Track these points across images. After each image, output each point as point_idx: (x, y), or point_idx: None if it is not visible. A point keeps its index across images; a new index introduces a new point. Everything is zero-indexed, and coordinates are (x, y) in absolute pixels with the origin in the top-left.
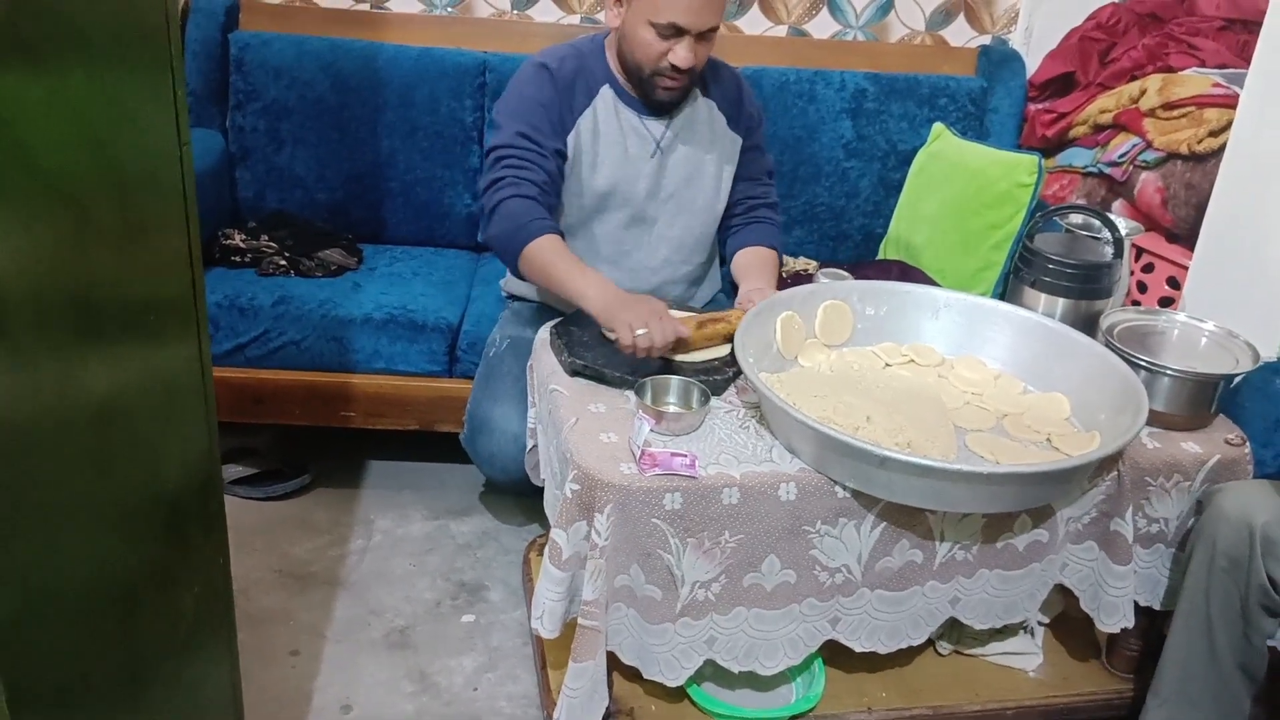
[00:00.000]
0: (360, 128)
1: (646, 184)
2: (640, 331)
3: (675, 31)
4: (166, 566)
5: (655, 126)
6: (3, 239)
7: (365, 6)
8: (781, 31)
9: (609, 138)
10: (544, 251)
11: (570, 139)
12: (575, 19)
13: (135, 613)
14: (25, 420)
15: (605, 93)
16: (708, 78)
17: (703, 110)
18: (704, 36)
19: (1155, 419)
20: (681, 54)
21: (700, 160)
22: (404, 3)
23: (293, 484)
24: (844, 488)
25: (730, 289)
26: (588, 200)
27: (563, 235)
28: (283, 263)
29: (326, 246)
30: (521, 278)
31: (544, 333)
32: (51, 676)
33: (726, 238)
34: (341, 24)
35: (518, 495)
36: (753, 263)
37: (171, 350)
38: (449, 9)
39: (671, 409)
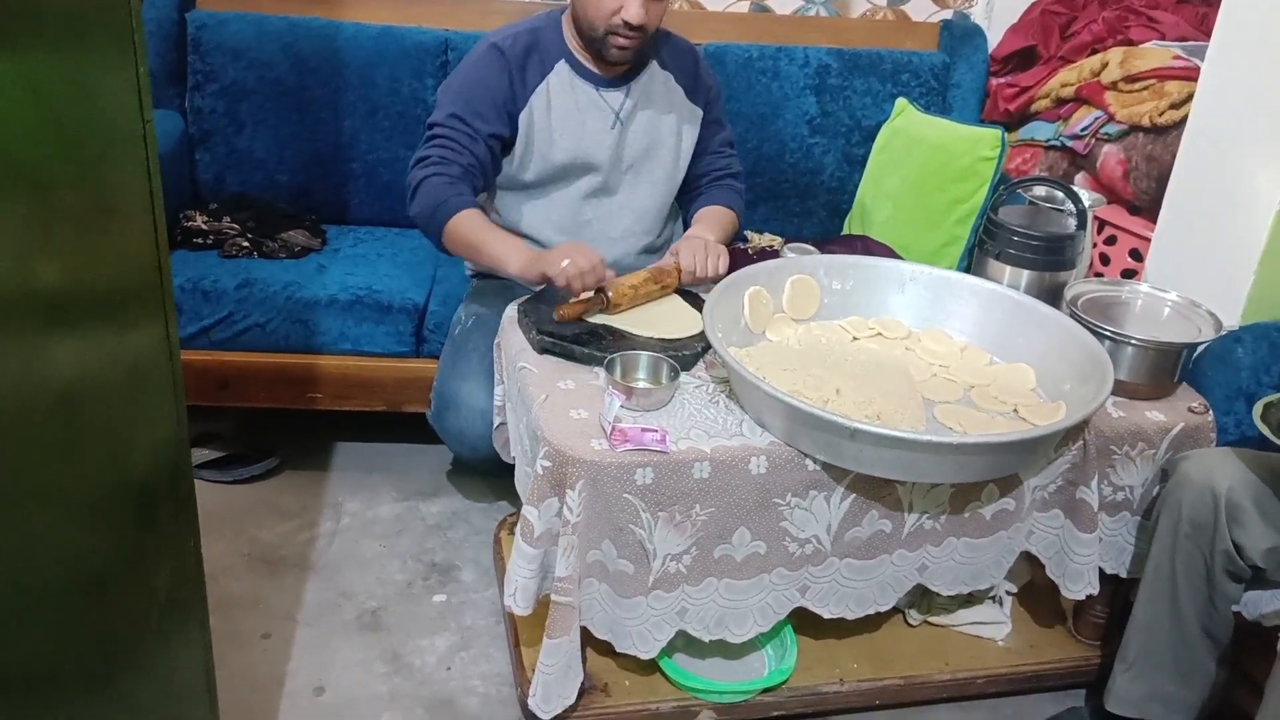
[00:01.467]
0: (321, 108)
1: (608, 154)
2: (565, 263)
3: None
4: (137, 551)
5: (613, 97)
6: None
7: None
8: (744, 7)
9: (565, 111)
10: (464, 224)
11: (523, 116)
12: None
13: (106, 598)
14: None
15: (561, 68)
16: (664, 51)
17: (660, 82)
18: None
19: (1120, 388)
20: (633, 9)
21: (659, 130)
22: None
23: (260, 467)
24: (814, 460)
25: None
26: (546, 173)
27: (484, 210)
28: (246, 244)
29: (289, 228)
30: (446, 253)
31: (511, 310)
32: (22, 664)
33: (689, 205)
34: (300, 2)
35: (485, 474)
36: (704, 216)
37: (139, 333)
38: None
39: (641, 384)
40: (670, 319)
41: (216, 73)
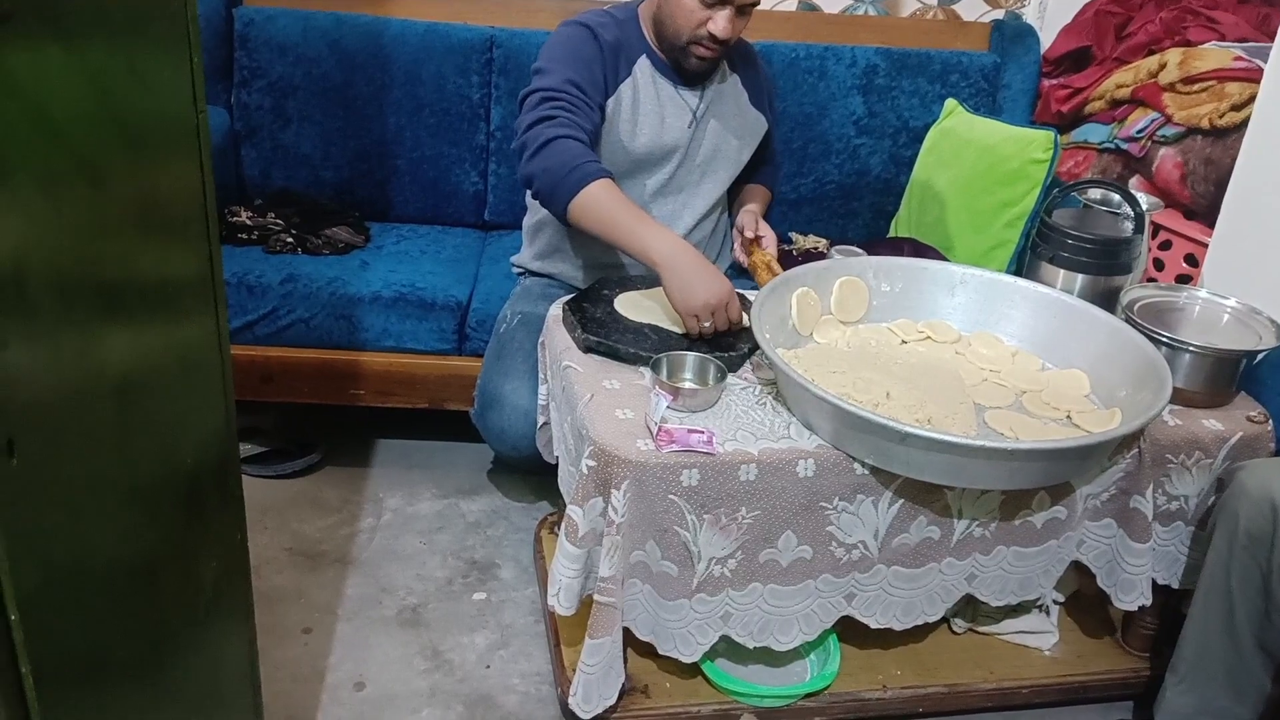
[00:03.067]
0: (366, 105)
1: (682, 151)
2: (706, 324)
3: (719, 1)
4: (186, 541)
5: (690, 97)
6: (24, 209)
7: None
8: (791, 5)
9: (648, 106)
10: (603, 195)
11: (610, 103)
12: None
13: (156, 588)
14: (48, 395)
15: (643, 62)
16: (733, 53)
17: (730, 86)
18: (744, 10)
19: (1176, 396)
20: (721, 24)
21: (727, 133)
22: None
23: (302, 462)
24: (862, 464)
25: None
26: (622, 164)
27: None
28: (290, 240)
29: (333, 224)
30: (564, 221)
31: (556, 309)
32: (74, 652)
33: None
34: None
35: (526, 472)
36: (746, 192)
37: (191, 325)
38: None
39: (688, 385)
40: None
41: (263, 69)
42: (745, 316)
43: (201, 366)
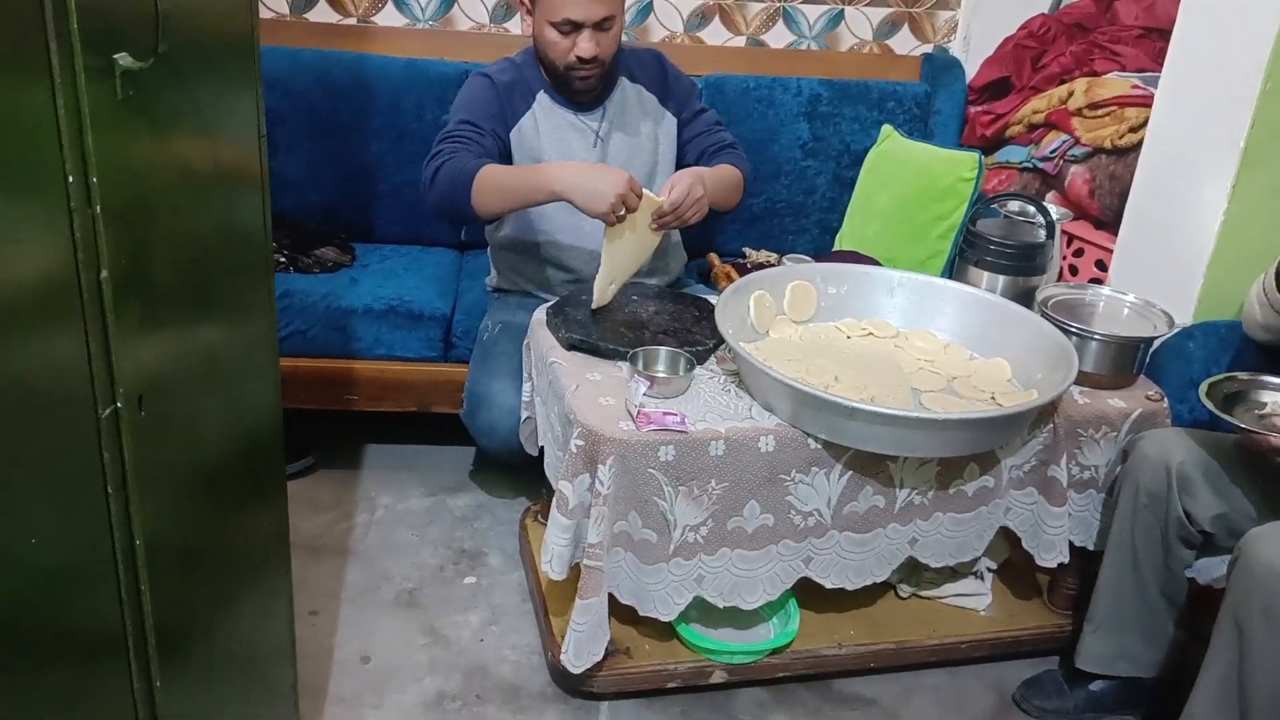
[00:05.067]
0: (350, 134)
1: None
2: (621, 211)
3: (573, 26)
4: (246, 506)
5: (590, 120)
6: (158, 232)
7: (353, 21)
8: (740, 42)
9: (550, 135)
10: (488, 175)
11: (514, 135)
12: None
13: (223, 556)
14: (163, 370)
15: (541, 97)
16: (632, 65)
17: (631, 95)
18: (601, 26)
19: (1085, 379)
20: (584, 45)
21: (636, 141)
22: (390, 17)
23: (298, 466)
24: (816, 439)
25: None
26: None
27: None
28: (282, 260)
29: (321, 245)
30: (477, 219)
31: (540, 314)
32: (167, 615)
33: None
34: (331, 37)
35: (509, 468)
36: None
37: (255, 321)
38: (431, 22)
39: (662, 374)
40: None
41: None
42: (648, 193)
43: (260, 360)
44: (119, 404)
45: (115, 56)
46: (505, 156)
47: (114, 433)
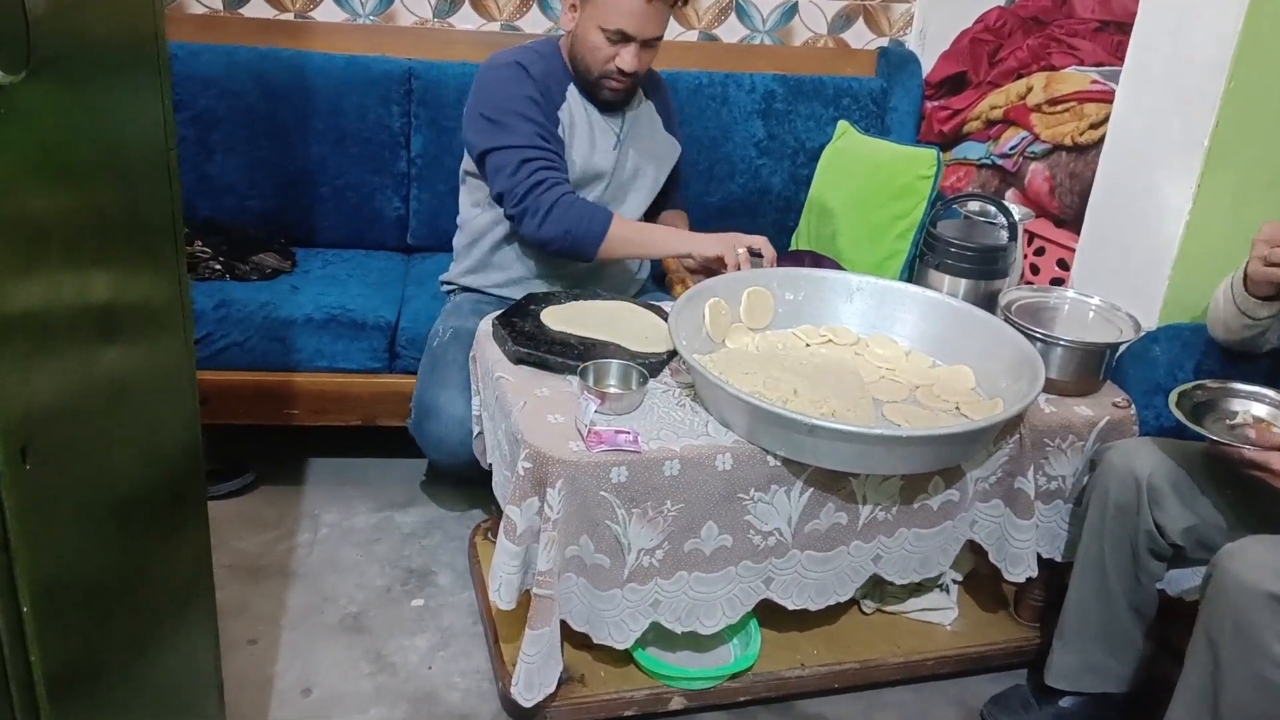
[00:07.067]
0: (290, 135)
1: (609, 174)
2: (740, 251)
3: (623, 38)
4: (165, 543)
5: (612, 122)
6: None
7: (290, 16)
8: (693, 36)
9: (580, 129)
10: (626, 228)
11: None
12: (495, 26)
13: (140, 588)
14: (53, 407)
15: (572, 90)
16: (646, 82)
17: (646, 112)
18: (648, 44)
19: (1050, 386)
20: (627, 59)
21: (645, 156)
22: (328, 11)
23: (237, 483)
24: (775, 456)
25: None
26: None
27: None
28: (218, 267)
29: (260, 251)
30: (587, 260)
31: (485, 324)
32: (73, 650)
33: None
34: (268, 33)
35: (460, 481)
36: (667, 220)
37: (166, 340)
38: (372, 18)
39: (613, 390)
40: (644, 332)
41: (187, 101)
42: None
43: (175, 384)
44: None
45: None
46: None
47: None
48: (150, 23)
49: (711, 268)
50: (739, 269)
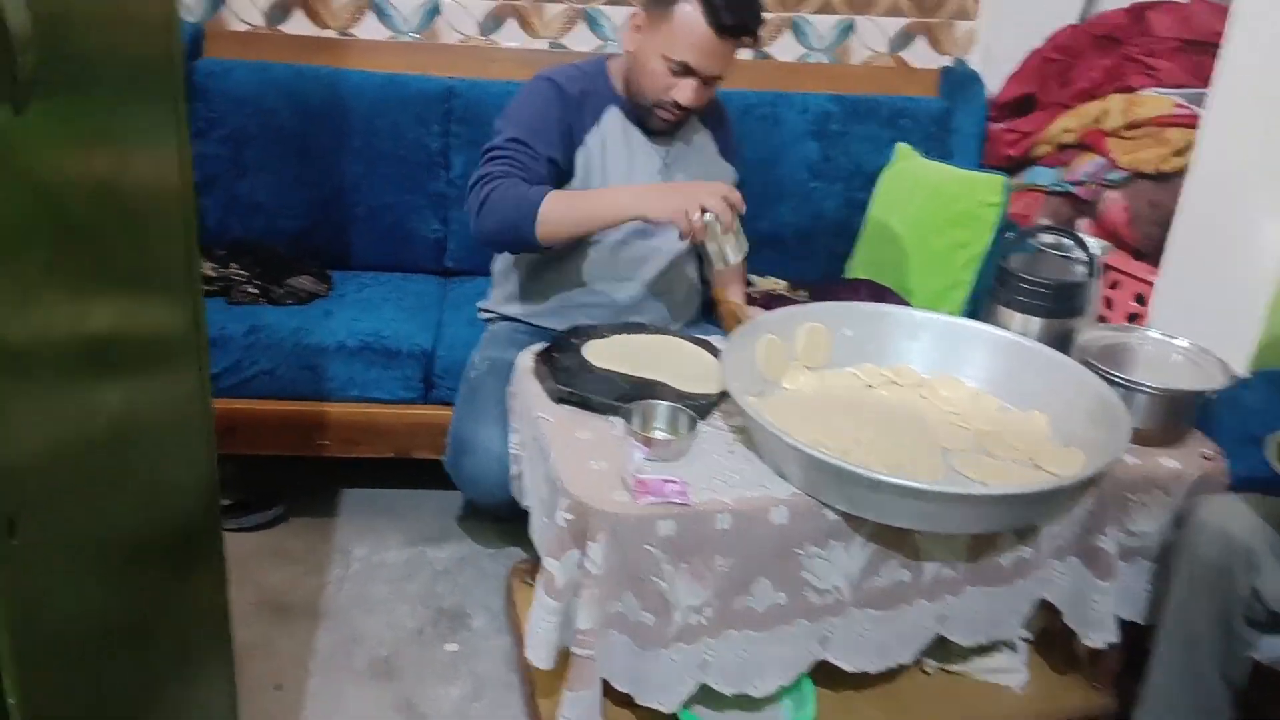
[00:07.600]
0: (324, 155)
1: None
2: (696, 217)
3: (685, 70)
4: (172, 596)
5: (659, 146)
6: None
7: (332, 33)
8: (746, 54)
9: (617, 153)
10: (557, 204)
11: (579, 155)
12: (543, 44)
13: (145, 644)
14: (47, 461)
15: (613, 111)
16: (706, 110)
17: (699, 138)
18: (710, 81)
19: (1133, 435)
20: (686, 92)
21: (699, 180)
22: (371, 29)
23: (266, 515)
24: (834, 510)
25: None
26: None
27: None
28: (254, 291)
29: (296, 274)
30: (537, 247)
31: (525, 359)
32: (68, 706)
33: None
34: (307, 50)
35: (499, 519)
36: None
37: (178, 379)
38: (414, 35)
39: (660, 435)
40: (693, 370)
41: (220, 120)
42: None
43: (186, 420)
44: None
45: None
46: (558, 180)
47: None
48: (164, 43)
49: (757, 301)
50: (694, 239)
